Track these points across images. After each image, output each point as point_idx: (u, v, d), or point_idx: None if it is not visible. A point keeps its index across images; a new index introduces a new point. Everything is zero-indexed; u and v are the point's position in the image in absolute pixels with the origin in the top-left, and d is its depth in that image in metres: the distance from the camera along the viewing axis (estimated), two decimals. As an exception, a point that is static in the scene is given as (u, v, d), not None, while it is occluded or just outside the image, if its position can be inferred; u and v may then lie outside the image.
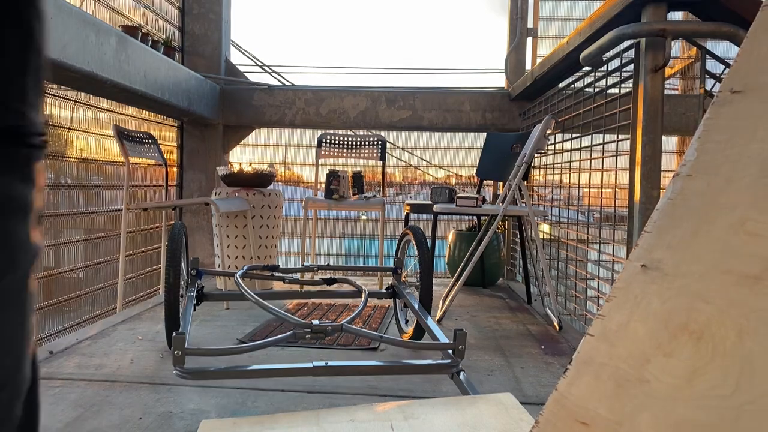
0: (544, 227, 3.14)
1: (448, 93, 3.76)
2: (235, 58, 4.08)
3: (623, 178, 1.96)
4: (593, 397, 0.68)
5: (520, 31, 3.81)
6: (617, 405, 0.65)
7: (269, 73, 4.08)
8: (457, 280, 2.60)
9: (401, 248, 2.28)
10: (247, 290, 1.72)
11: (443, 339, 1.49)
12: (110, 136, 2.96)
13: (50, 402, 1.43)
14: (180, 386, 1.57)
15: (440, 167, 4.60)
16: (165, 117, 3.68)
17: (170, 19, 3.73)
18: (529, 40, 3.87)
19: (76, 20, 2.12)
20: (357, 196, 3.26)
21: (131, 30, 2.78)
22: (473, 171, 3.69)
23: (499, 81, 3.97)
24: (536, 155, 2.97)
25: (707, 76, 1.84)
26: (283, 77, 4.10)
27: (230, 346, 1.38)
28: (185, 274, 2.06)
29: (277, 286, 3.00)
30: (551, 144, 3.00)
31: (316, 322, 1.49)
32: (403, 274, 2.24)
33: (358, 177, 3.30)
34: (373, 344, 2.01)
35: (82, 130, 2.87)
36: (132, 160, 2.81)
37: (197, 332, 2.18)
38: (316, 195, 3.37)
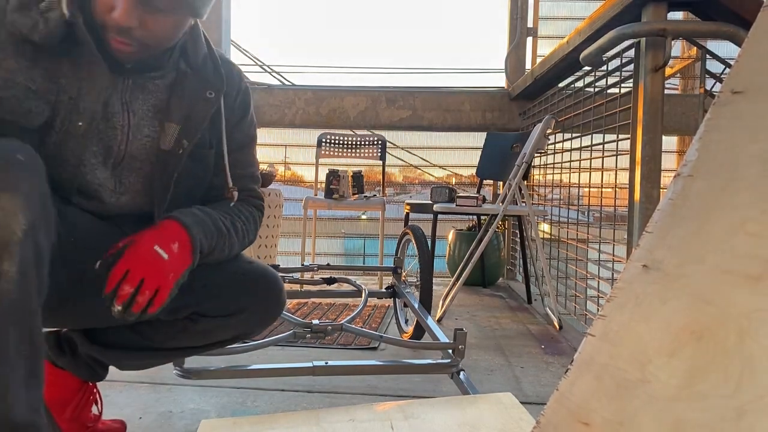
0: (544, 227, 3.14)
1: (448, 93, 3.76)
2: (235, 58, 4.08)
3: (623, 177, 1.96)
4: (594, 398, 0.68)
5: (520, 31, 3.81)
6: (618, 405, 0.65)
7: (269, 73, 4.08)
8: (457, 279, 2.60)
9: (401, 248, 2.28)
10: (247, 290, 1.72)
11: (443, 338, 1.49)
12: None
13: (50, 401, 1.43)
14: (180, 386, 1.57)
15: (440, 167, 4.60)
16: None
17: (170, 19, 3.73)
18: (529, 39, 3.86)
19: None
20: (357, 195, 3.26)
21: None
22: (473, 171, 3.69)
23: (499, 81, 3.97)
24: (536, 155, 2.97)
25: (707, 76, 1.84)
26: (283, 77, 4.10)
27: (230, 345, 1.38)
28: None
29: (277, 285, 2.99)
30: (551, 144, 3.00)
31: (316, 321, 1.49)
32: (403, 274, 2.24)
33: (358, 177, 3.30)
34: (373, 344, 2.01)
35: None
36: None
37: (197, 332, 2.17)
38: (316, 195, 3.37)
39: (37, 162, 0.82)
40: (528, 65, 3.81)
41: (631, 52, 1.86)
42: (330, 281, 2.16)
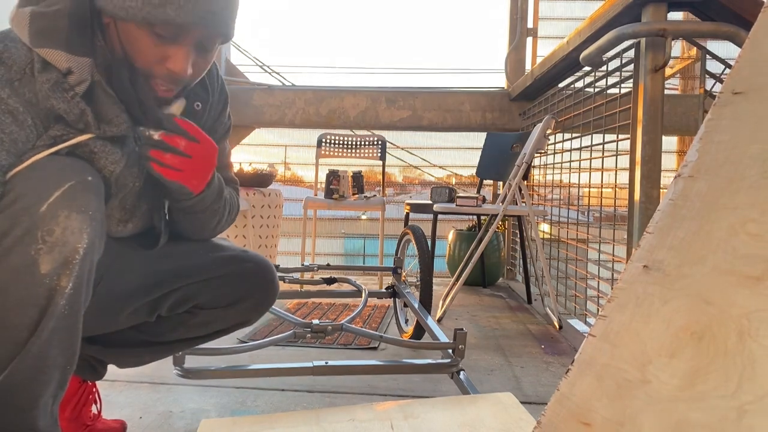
0: (544, 227, 3.14)
1: (448, 93, 3.76)
2: (235, 58, 4.08)
3: (623, 177, 1.96)
4: (595, 398, 0.68)
5: (520, 31, 3.81)
6: (619, 405, 0.65)
7: (269, 73, 4.08)
8: (457, 279, 2.60)
9: (401, 248, 2.28)
10: (248, 290, 1.72)
11: (443, 338, 1.49)
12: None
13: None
14: (180, 386, 1.57)
15: (440, 167, 4.60)
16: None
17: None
18: (529, 40, 3.87)
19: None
20: (357, 195, 3.26)
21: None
22: (473, 171, 3.69)
23: (499, 81, 3.98)
24: (536, 155, 2.97)
25: (707, 76, 1.84)
26: (283, 77, 4.10)
27: (230, 345, 1.38)
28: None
29: (277, 285, 2.99)
30: (551, 144, 3.00)
31: (316, 321, 1.49)
32: (403, 274, 2.24)
33: (358, 177, 3.30)
34: (373, 344, 2.01)
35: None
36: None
37: (197, 332, 2.17)
38: (316, 195, 3.37)
39: (101, 183, 0.85)
40: (528, 65, 3.81)
41: (631, 52, 1.86)
42: (330, 281, 2.16)
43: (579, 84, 2.56)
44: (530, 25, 3.85)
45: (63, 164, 0.82)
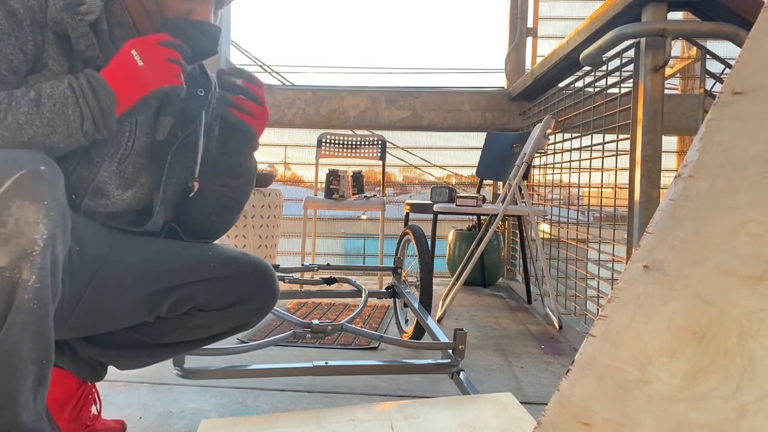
0: (544, 227, 3.14)
1: (448, 93, 3.76)
2: (235, 58, 4.07)
3: (623, 177, 1.96)
4: (595, 398, 0.68)
5: (520, 31, 3.81)
6: (619, 406, 0.65)
7: (269, 73, 4.08)
8: (457, 279, 2.60)
9: (401, 248, 2.28)
10: (247, 290, 1.72)
11: (443, 338, 1.49)
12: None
13: (50, 401, 1.43)
14: (180, 386, 1.57)
15: (440, 167, 4.60)
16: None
17: (170, 19, 3.72)
18: (529, 39, 3.87)
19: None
20: (357, 195, 3.25)
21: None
22: (473, 171, 3.69)
23: (499, 81, 3.97)
24: (536, 155, 2.97)
25: (707, 76, 1.84)
26: (283, 77, 4.10)
27: (230, 345, 1.38)
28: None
29: (277, 285, 2.99)
30: (551, 144, 3.00)
31: (315, 321, 1.49)
32: (403, 274, 2.24)
33: (358, 177, 3.30)
34: (373, 344, 2.01)
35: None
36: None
37: (197, 332, 2.17)
38: (316, 195, 3.37)
39: (58, 172, 0.84)
40: (528, 65, 3.81)
41: (631, 52, 1.86)
42: (330, 281, 2.16)
43: (579, 84, 2.56)
44: (530, 24, 3.85)
45: (13, 155, 0.81)
